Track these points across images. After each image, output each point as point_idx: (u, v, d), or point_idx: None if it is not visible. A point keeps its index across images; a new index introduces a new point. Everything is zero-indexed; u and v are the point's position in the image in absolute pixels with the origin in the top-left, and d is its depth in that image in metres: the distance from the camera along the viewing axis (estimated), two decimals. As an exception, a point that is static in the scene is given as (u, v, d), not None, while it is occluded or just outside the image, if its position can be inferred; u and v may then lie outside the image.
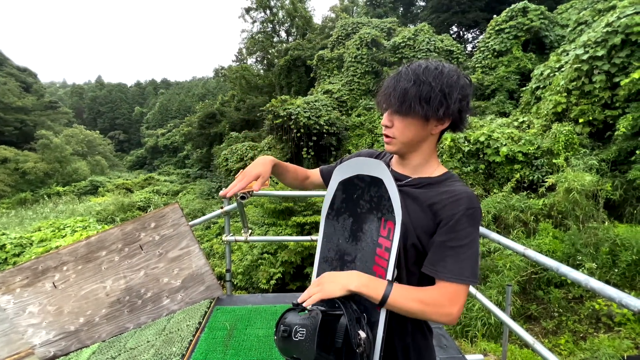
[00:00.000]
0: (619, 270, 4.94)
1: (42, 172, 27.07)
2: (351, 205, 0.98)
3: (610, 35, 7.09)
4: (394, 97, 0.86)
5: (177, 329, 2.14)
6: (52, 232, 9.08)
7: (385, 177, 0.89)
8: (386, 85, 0.90)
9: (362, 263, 0.93)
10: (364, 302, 0.90)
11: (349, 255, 0.96)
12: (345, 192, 0.99)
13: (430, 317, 0.83)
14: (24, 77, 38.40)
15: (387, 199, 0.87)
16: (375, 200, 0.91)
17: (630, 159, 6.61)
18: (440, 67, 0.86)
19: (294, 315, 0.83)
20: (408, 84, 0.84)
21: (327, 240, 1.03)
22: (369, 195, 0.93)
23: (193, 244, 2.43)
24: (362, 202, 0.95)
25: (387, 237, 0.87)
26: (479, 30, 22.79)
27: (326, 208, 1.04)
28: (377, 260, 0.89)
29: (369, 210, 0.93)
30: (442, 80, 0.83)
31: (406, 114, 0.87)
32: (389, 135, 0.93)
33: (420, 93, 0.83)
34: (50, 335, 2.23)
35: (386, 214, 0.88)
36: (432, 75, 0.84)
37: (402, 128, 0.90)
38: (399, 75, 0.88)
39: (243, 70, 25.95)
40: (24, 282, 2.25)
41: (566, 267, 1.39)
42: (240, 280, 6.95)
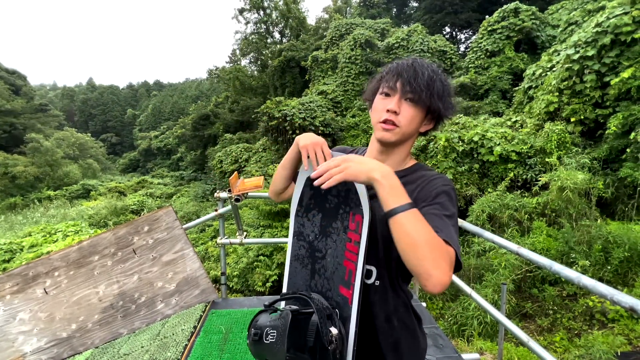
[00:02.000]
0: (612, 267, 5.00)
1: (33, 176, 26.66)
2: (320, 200, 0.97)
3: (600, 36, 7.20)
4: (421, 83, 0.83)
5: (171, 334, 2.11)
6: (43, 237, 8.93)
7: None
8: (403, 69, 0.86)
9: (332, 258, 0.92)
10: (335, 298, 0.90)
11: (319, 252, 0.95)
12: (313, 188, 0.96)
13: (423, 265, 0.68)
14: (13, 80, 37.83)
15: (354, 192, 0.86)
16: (343, 195, 0.90)
17: (621, 157, 6.71)
18: (442, 72, 0.89)
19: (266, 317, 0.82)
20: (434, 74, 0.85)
21: (297, 238, 1.02)
22: (336, 190, 0.91)
23: (187, 247, 2.41)
24: (330, 197, 0.94)
25: (356, 230, 0.85)
26: (472, 30, 23.00)
27: (295, 205, 1.03)
28: (347, 254, 0.88)
29: (337, 205, 0.92)
30: (448, 84, 0.88)
31: (418, 103, 0.85)
32: (395, 122, 0.86)
33: (442, 89, 0.85)
34: (41, 343, 2.19)
35: (354, 208, 0.86)
36: (444, 77, 0.87)
37: (410, 117, 0.86)
38: (415, 62, 0.87)
39: (237, 71, 25.85)
40: (14, 288, 2.20)
41: (559, 265, 1.40)
42: (235, 283, 6.91)
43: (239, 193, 2.17)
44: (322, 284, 0.95)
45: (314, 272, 0.97)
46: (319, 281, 0.96)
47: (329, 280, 0.93)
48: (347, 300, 0.87)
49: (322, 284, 0.95)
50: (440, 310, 5.37)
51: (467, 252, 6.34)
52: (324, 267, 0.95)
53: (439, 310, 5.38)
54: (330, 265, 0.92)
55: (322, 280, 0.95)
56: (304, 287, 0.98)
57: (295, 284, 1.02)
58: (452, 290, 5.56)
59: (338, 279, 0.90)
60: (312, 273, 0.98)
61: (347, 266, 0.88)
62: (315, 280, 0.97)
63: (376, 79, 0.95)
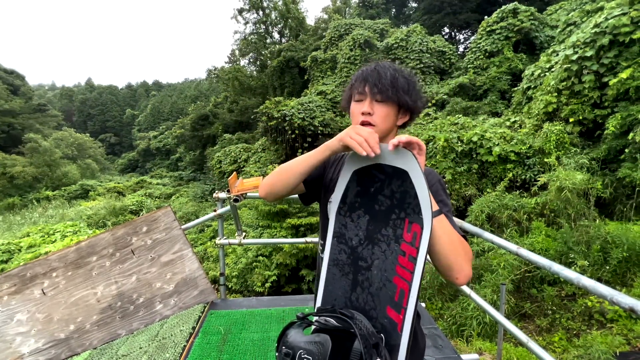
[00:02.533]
0: (610, 268, 5.01)
1: (31, 176, 26.58)
2: (367, 200, 0.84)
3: (599, 36, 7.22)
4: (385, 83, 0.90)
5: (170, 335, 2.10)
6: (41, 237, 8.91)
7: (411, 169, 0.75)
8: (367, 74, 0.94)
9: (379, 272, 0.79)
10: (380, 319, 0.77)
11: (364, 261, 0.83)
12: (361, 184, 0.85)
13: (458, 260, 0.77)
14: (12, 80, 37.72)
15: (412, 196, 0.74)
16: (397, 197, 0.78)
17: (619, 157, 6.72)
18: (402, 68, 0.97)
19: (298, 333, 0.72)
20: (396, 73, 0.92)
21: (337, 240, 0.89)
22: (389, 190, 0.79)
23: (186, 247, 2.40)
24: (380, 198, 0.81)
25: (412, 243, 0.73)
26: (471, 31, 23.05)
27: (337, 202, 0.90)
28: (399, 270, 0.75)
29: (389, 208, 0.79)
30: (413, 79, 0.96)
31: (390, 102, 0.91)
32: (371, 122, 0.92)
33: (406, 84, 0.92)
34: (39, 344, 2.18)
35: (411, 215, 0.74)
36: (406, 73, 0.95)
37: (384, 116, 0.92)
38: (380, 66, 0.94)
39: (236, 71, 25.83)
40: (11, 289, 2.19)
41: (558, 265, 1.39)
42: (234, 283, 6.90)
43: (237, 193, 2.17)
44: (365, 300, 0.82)
45: (356, 283, 0.84)
46: (361, 295, 0.83)
47: (374, 297, 0.80)
48: (396, 326, 0.74)
49: (365, 300, 0.82)
50: (439, 311, 5.37)
51: (466, 253, 6.33)
52: (369, 280, 0.81)
53: (438, 311, 5.38)
54: (377, 279, 0.80)
55: (366, 296, 0.82)
56: (343, 300, 0.86)
57: (332, 293, 0.89)
58: (451, 291, 5.56)
59: (386, 297, 0.78)
60: (354, 284, 0.84)
61: (399, 284, 0.75)
62: (357, 293, 0.84)
63: (348, 88, 1.01)
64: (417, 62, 15.55)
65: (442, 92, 13.77)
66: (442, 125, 9.42)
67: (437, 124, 9.71)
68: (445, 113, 12.13)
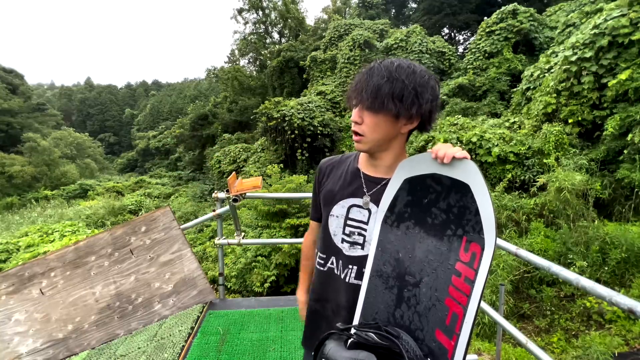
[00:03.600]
0: (609, 268, 5.01)
1: (30, 175, 26.51)
2: (419, 211, 0.78)
3: (598, 37, 7.23)
4: (367, 93, 0.83)
5: (169, 335, 2.10)
6: (39, 237, 8.88)
7: (474, 183, 0.68)
8: (357, 80, 0.87)
9: (429, 290, 0.73)
10: (427, 342, 0.72)
11: (411, 276, 0.77)
12: (412, 194, 0.80)
13: None
14: (11, 79, 37.63)
15: (473, 213, 0.67)
16: (455, 212, 0.71)
17: (618, 158, 6.74)
18: (412, 67, 0.84)
19: (339, 347, 0.67)
20: (381, 80, 0.82)
21: (382, 250, 0.84)
22: (446, 203, 0.73)
23: (185, 247, 2.39)
24: (435, 211, 0.75)
25: (470, 264, 0.67)
26: (470, 32, 23.08)
27: (384, 210, 0.85)
28: (453, 292, 0.69)
29: (444, 223, 0.73)
30: (414, 79, 0.82)
31: (378, 111, 0.83)
32: (359, 132, 0.88)
33: (393, 90, 0.81)
34: (37, 344, 2.17)
35: (471, 233, 0.68)
36: (405, 73, 0.82)
37: (373, 125, 0.86)
38: (371, 70, 0.85)
39: (235, 71, 25.82)
40: (9, 289, 2.18)
41: (557, 266, 1.39)
42: (234, 283, 6.89)
43: (237, 193, 2.16)
44: (410, 318, 0.76)
45: (401, 299, 0.78)
46: (406, 313, 0.77)
47: (422, 316, 0.74)
48: (446, 352, 0.68)
49: (410, 318, 0.76)
50: (438, 311, 5.38)
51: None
52: (417, 297, 0.76)
53: (437, 311, 5.38)
54: (425, 298, 0.74)
55: (412, 314, 0.76)
56: (385, 315, 0.80)
57: (373, 305, 0.84)
58: (450, 291, 5.56)
59: (435, 319, 0.71)
60: (399, 300, 0.79)
61: (451, 307, 0.69)
62: (401, 310, 0.78)
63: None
64: (417, 62, 15.57)
65: (441, 93, 13.78)
66: (441, 126, 9.43)
67: (436, 125, 9.72)
68: (445, 114, 12.14)
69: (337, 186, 1.00)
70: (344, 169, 1.03)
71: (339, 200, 0.98)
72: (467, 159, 0.71)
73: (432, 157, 0.76)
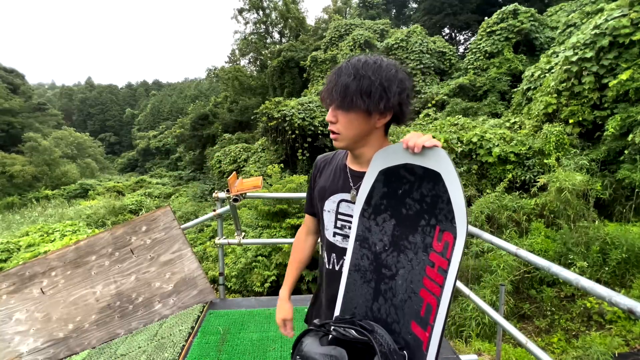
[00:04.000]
0: (610, 269, 5.01)
1: (30, 175, 26.54)
2: (394, 202, 0.78)
3: (599, 37, 7.23)
4: (336, 92, 0.85)
5: (169, 334, 2.10)
6: (40, 236, 8.89)
7: (445, 171, 0.68)
8: (328, 81, 0.89)
9: (405, 282, 0.73)
10: (403, 335, 0.72)
11: (388, 269, 0.77)
12: (387, 185, 0.80)
13: None
14: (11, 79, 37.68)
15: (445, 202, 0.68)
16: (428, 202, 0.71)
17: (619, 158, 6.73)
18: (379, 61, 0.86)
19: (314, 342, 0.68)
20: (348, 78, 0.83)
21: (360, 243, 0.84)
22: (419, 193, 0.73)
23: (185, 247, 2.40)
24: (409, 201, 0.75)
25: (443, 253, 0.67)
26: (471, 32, 23.06)
27: (361, 203, 0.85)
28: (427, 283, 0.69)
29: (418, 213, 0.73)
30: (381, 74, 0.83)
31: (348, 109, 0.85)
32: (335, 131, 0.91)
33: (360, 87, 0.82)
34: (38, 343, 2.18)
35: (443, 222, 0.68)
36: (371, 69, 0.83)
37: (346, 123, 0.88)
38: (339, 70, 0.87)
39: (236, 71, 25.84)
40: (10, 288, 2.19)
41: (557, 266, 1.39)
42: (234, 283, 6.89)
43: (237, 193, 2.17)
44: (387, 311, 0.76)
45: (379, 292, 0.79)
46: (383, 306, 0.77)
47: (398, 309, 0.74)
48: (421, 344, 0.68)
49: (387, 311, 0.76)
50: (438, 311, 5.37)
51: (466, 253, 6.35)
52: (393, 290, 0.76)
53: (437, 311, 5.38)
54: (401, 290, 0.74)
55: (388, 307, 0.76)
56: (364, 309, 0.81)
57: (352, 299, 0.84)
58: (450, 291, 5.56)
59: (411, 311, 0.72)
60: (376, 293, 0.79)
61: (426, 298, 0.69)
62: (379, 303, 0.78)
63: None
64: (417, 62, 15.56)
65: (442, 93, 13.78)
66: (442, 126, 9.43)
67: (437, 125, 9.72)
68: (445, 114, 12.13)
69: (328, 182, 1.04)
70: (335, 165, 1.06)
71: (329, 195, 1.02)
72: (437, 147, 0.71)
73: (403, 148, 0.75)
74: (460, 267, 0.66)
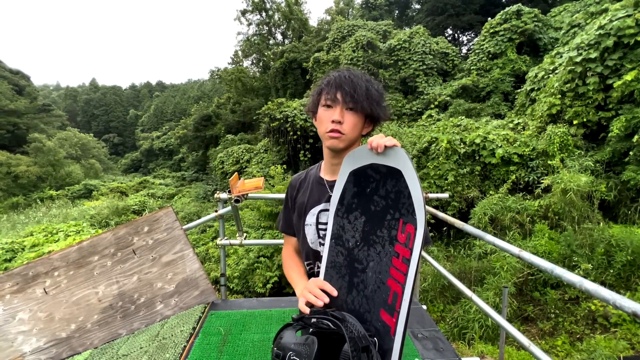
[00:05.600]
0: (614, 271, 4.96)
1: (35, 175, 26.76)
2: (364, 200, 0.82)
3: (603, 38, 7.18)
4: (361, 93, 0.91)
5: (170, 335, 2.10)
6: (44, 236, 8.96)
7: (404, 167, 0.73)
8: (341, 81, 0.93)
9: (374, 274, 0.77)
10: (374, 323, 0.76)
11: (359, 263, 0.81)
12: (357, 185, 0.84)
13: None
14: (17, 80, 38.03)
15: (407, 196, 0.72)
16: (392, 197, 0.76)
17: (623, 160, 6.67)
18: (373, 79, 0.98)
19: (291, 335, 0.73)
20: (368, 84, 0.93)
21: (335, 241, 0.88)
22: (384, 190, 0.78)
23: (187, 248, 2.40)
24: (376, 198, 0.80)
25: (406, 244, 0.71)
26: (474, 32, 22.99)
27: (335, 203, 0.90)
28: (393, 272, 0.73)
29: (384, 209, 0.77)
30: (382, 91, 0.96)
31: (358, 110, 0.93)
32: (340, 130, 0.94)
33: (377, 96, 0.93)
34: (40, 343, 2.19)
35: (405, 215, 0.72)
36: (376, 84, 0.96)
37: (353, 125, 0.94)
38: (351, 74, 0.94)
39: (239, 72, 25.94)
40: (13, 288, 2.20)
41: (561, 268, 1.38)
42: (236, 284, 6.90)
43: (239, 194, 2.17)
44: (360, 302, 0.80)
45: (352, 286, 0.82)
46: (356, 298, 0.81)
47: (369, 299, 0.78)
48: (389, 329, 0.72)
49: (360, 302, 0.80)
50: (440, 313, 5.35)
51: (469, 255, 6.31)
52: (364, 282, 0.80)
53: (440, 313, 5.35)
54: (372, 281, 0.78)
55: (361, 298, 0.80)
56: (340, 302, 0.85)
57: (329, 295, 0.89)
58: (453, 293, 5.54)
59: (380, 300, 0.76)
60: (350, 287, 0.83)
61: (392, 287, 0.73)
62: (352, 296, 0.82)
63: (317, 91, 1.02)
64: (420, 63, 15.53)
65: (444, 94, 13.74)
66: (444, 127, 9.40)
67: (439, 126, 9.68)
68: (448, 115, 12.10)
69: (306, 197, 1.08)
70: (309, 180, 1.11)
71: (309, 209, 1.06)
72: (397, 147, 0.75)
73: (368, 149, 0.81)
74: (421, 255, 0.71)
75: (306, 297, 0.86)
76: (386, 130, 12.01)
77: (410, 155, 1.03)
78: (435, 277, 5.60)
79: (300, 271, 1.20)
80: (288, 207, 1.16)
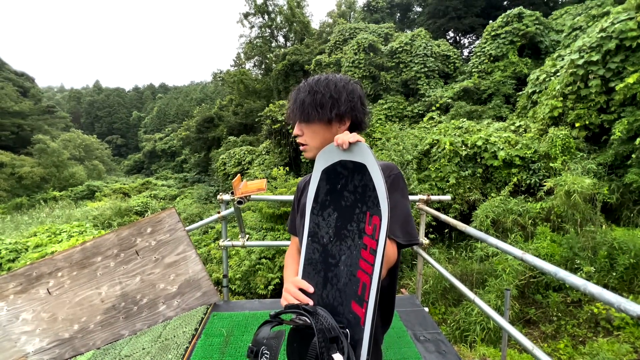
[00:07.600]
0: (617, 274, 4.94)
1: (39, 176, 26.88)
2: (335, 197, 0.84)
3: (605, 41, 7.17)
4: (296, 108, 0.98)
5: (173, 336, 2.11)
6: (47, 237, 9.00)
7: (368, 161, 0.76)
8: (292, 98, 1.02)
9: (345, 267, 0.79)
10: (346, 315, 0.78)
11: (333, 258, 0.83)
12: (329, 182, 0.86)
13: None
14: (22, 82, 38.32)
15: (372, 189, 0.74)
16: (360, 191, 0.78)
17: (626, 162, 6.65)
18: (330, 77, 1.00)
19: (266, 330, 0.75)
20: (304, 94, 0.98)
21: (311, 239, 0.91)
22: (352, 185, 0.80)
23: (189, 249, 2.41)
24: (346, 194, 0.82)
25: (372, 236, 0.73)
26: (475, 35, 23.00)
27: (310, 201, 0.92)
28: (362, 264, 0.75)
29: (353, 203, 0.79)
30: (330, 88, 0.97)
31: (308, 121, 0.98)
32: (303, 143, 1.02)
33: (314, 101, 0.96)
34: (44, 343, 2.20)
35: (372, 208, 0.74)
36: (322, 85, 0.98)
37: (311, 134, 1.00)
38: (298, 90, 1.01)
39: (241, 74, 26.04)
40: (17, 288, 2.21)
41: (564, 271, 1.38)
42: (238, 285, 6.90)
43: (241, 195, 2.18)
44: (334, 296, 0.82)
45: (327, 280, 0.84)
46: (330, 292, 0.83)
47: (342, 292, 0.80)
48: (359, 320, 0.74)
49: (334, 296, 0.82)
50: (442, 316, 5.33)
51: (470, 257, 6.30)
52: (337, 276, 0.82)
53: (442, 316, 5.34)
54: (343, 274, 0.80)
55: (335, 292, 0.82)
56: (316, 297, 0.87)
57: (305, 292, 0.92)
58: (454, 295, 5.52)
59: (351, 292, 0.78)
60: (325, 281, 0.85)
61: (361, 278, 0.75)
62: (327, 290, 0.84)
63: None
64: (422, 66, 15.54)
65: (446, 96, 13.74)
66: (446, 129, 9.39)
67: (441, 128, 9.68)
68: (450, 117, 12.09)
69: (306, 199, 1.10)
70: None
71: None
72: (360, 142, 0.78)
73: (335, 146, 0.83)
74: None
75: (286, 299, 0.89)
76: (388, 132, 12.02)
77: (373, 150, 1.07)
78: (437, 279, 5.59)
79: (295, 269, 1.23)
80: (294, 209, 1.21)
